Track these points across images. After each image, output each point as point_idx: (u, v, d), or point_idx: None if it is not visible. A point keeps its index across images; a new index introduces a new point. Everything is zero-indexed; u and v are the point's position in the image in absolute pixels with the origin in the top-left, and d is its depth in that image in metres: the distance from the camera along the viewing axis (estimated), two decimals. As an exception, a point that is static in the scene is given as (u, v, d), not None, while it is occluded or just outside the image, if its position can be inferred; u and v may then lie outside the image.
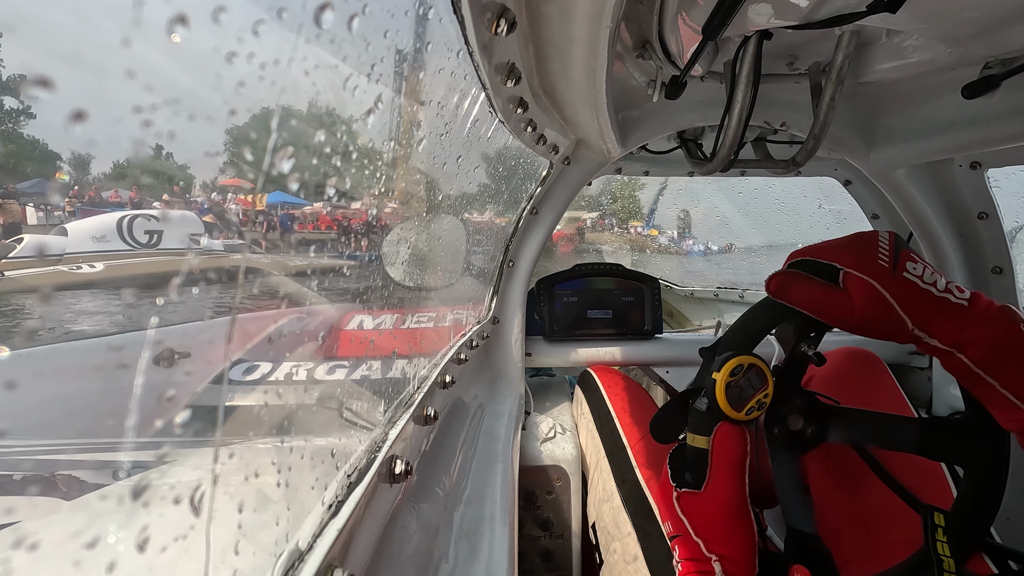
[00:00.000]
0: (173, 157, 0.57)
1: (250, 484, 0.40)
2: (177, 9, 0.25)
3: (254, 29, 0.32)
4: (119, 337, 1.48)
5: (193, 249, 0.32)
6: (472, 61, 0.55)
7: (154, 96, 0.24)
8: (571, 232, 13.16)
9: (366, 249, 0.67)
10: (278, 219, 0.93)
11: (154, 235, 4.83)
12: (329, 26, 0.37)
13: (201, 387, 1.04)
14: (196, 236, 0.63)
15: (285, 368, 1.16)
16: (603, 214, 15.67)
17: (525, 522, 1.11)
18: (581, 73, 0.63)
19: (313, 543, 0.41)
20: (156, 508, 0.31)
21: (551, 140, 0.96)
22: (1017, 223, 1.24)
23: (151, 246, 4.80)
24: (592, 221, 15.16)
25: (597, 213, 15.27)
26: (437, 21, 0.52)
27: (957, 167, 1.12)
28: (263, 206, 0.75)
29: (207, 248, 0.41)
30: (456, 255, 1.20)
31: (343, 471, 0.50)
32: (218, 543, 0.35)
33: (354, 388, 0.66)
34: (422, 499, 0.65)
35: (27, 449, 1.04)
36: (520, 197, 1.29)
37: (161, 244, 4.64)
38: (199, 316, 0.50)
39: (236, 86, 0.33)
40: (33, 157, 4.85)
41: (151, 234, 4.87)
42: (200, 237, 0.59)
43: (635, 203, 16.29)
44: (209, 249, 0.40)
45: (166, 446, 0.33)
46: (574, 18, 0.51)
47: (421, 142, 0.76)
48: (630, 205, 16.40)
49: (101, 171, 4.75)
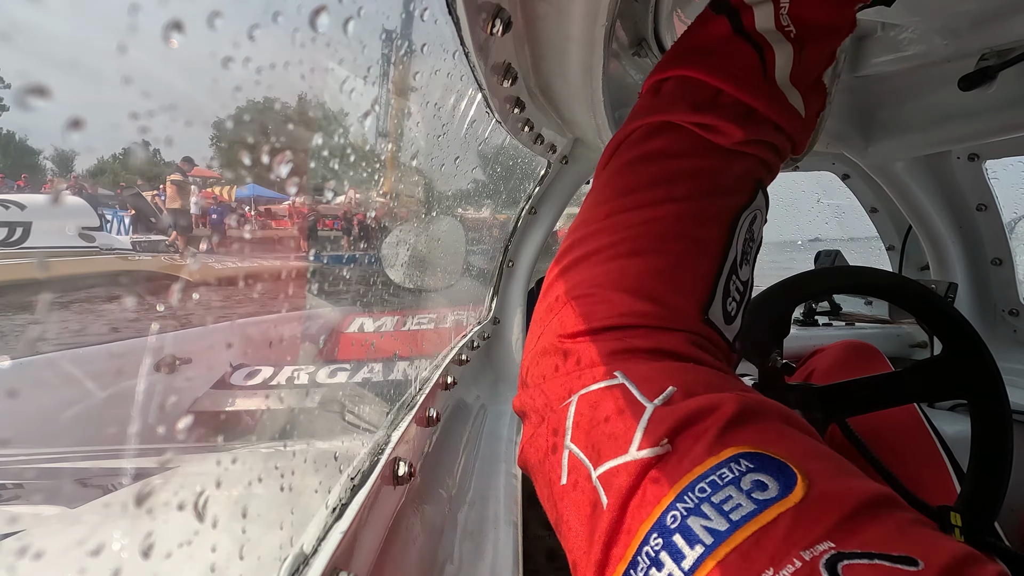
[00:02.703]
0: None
1: (253, 488, 0.40)
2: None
3: (249, 34, 0.32)
4: (120, 344, 1.48)
5: (83, 248, 0.29)
6: (468, 62, 0.55)
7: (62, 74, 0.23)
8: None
9: (360, 249, 0.67)
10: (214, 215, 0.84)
11: (15, 229, 3.32)
12: (325, 29, 0.37)
13: (204, 392, 1.04)
14: (89, 230, 0.57)
15: (287, 372, 1.17)
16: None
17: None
18: (577, 72, 0.63)
19: (317, 546, 0.41)
20: (160, 514, 0.31)
21: (549, 139, 0.96)
22: (1016, 214, 1.24)
23: (9, 244, 3.26)
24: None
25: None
26: (432, 22, 0.52)
27: (955, 159, 1.12)
28: (230, 199, 0.72)
29: (108, 246, 0.37)
30: (455, 256, 1.21)
31: (346, 474, 0.50)
32: (223, 548, 0.35)
33: (356, 391, 0.66)
34: (426, 500, 0.65)
35: (30, 457, 1.04)
36: (519, 197, 1.29)
37: (27, 241, 3.27)
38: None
39: (219, 86, 0.33)
40: None
41: (9, 227, 3.34)
42: (95, 232, 0.53)
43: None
44: (112, 248, 0.36)
45: (169, 452, 0.33)
46: (570, 17, 0.51)
47: (418, 144, 0.76)
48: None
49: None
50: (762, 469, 0.24)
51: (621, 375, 0.32)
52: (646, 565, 0.24)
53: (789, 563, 0.20)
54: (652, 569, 0.23)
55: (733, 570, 0.21)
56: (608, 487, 0.27)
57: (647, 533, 0.24)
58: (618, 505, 0.26)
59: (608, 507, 0.26)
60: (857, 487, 0.23)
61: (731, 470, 0.24)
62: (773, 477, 0.23)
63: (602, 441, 0.29)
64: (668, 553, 0.23)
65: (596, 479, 0.28)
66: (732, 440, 0.26)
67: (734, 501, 0.23)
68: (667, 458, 0.26)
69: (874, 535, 0.21)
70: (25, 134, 1.48)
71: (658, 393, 0.29)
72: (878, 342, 1.19)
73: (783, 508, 0.22)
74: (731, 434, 0.26)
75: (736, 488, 0.23)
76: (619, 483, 0.26)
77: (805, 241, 3.20)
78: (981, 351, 0.69)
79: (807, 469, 0.24)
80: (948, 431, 1.00)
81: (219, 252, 0.36)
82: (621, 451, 0.28)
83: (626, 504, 0.26)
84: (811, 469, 0.24)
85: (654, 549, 0.24)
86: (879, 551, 0.19)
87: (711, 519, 0.23)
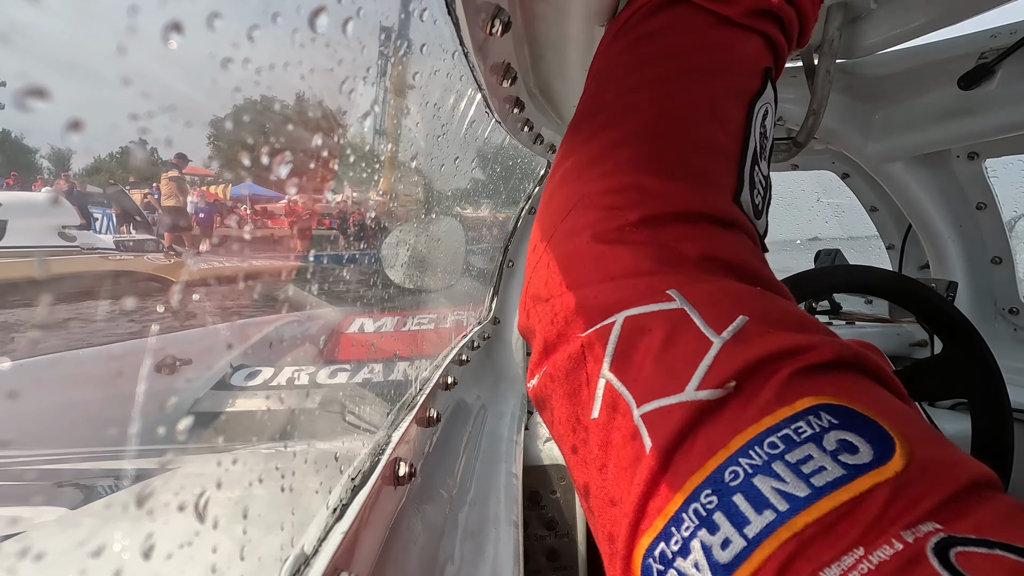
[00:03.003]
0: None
1: (254, 489, 0.40)
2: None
3: (249, 34, 0.32)
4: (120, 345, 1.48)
5: (62, 248, 0.27)
6: (467, 62, 0.55)
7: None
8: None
9: (358, 249, 0.67)
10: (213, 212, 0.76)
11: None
12: (324, 30, 0.37)
13: (204, 393, 1.03)
14: (70, 229, 0.54)
15: (287, 373, 1.17)
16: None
17: (530, 522, 1.11)
18: (577, 72, 0.63)
19: (318, 547, 0.41)
20: (161, 515, 0.31)
21: (548, 139, 0.96)
22: (1015, 212, 1.24)
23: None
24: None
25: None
26: (432, 23, 0.52)
27: (955, 158, 1.12)
28: (225, 197, 0.70)
29: (90, 246, 0.35)
30: (455, 256, 1.21)
31: (347, 474, 0.50)
32: (223, 549, 0.35)
33: (356, 391, 0.66)
34: (427, 501, 0.65)
35: (31, 458, 1.04)
36: (518, 197, 1.29)
37: (2, 240, 2.91)
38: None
39: (221, 88, 0.33)
40: None
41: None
42: (76, 231, 0.51)
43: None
44: (94, 247, 0.33)
45: (169, 453, 0.33)
46: (568, 17, 0.51)
47: (417, 144, 0.76)
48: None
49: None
50: (849, 427, 0.20)
51: (679, 297, 0.26)
52: (693, 524, 0.20)
53: (886, 543, 0.17)
54: (702, 531, 0.20)
55: (814, 546, 0.17)
56: (653, 429, 0.23)
57: (696, 487, 0.21)
58: (663, 451, 0.22)
59: (651, 451, 0.22)
60: (964, 460, 0.20)
61: (809, 424, 0.20)
62: (864, 438, 0.19)
63: (651, 375, 0.24)
64: (726, 515, 0.19)
65: (639, 418, 0.24)
66: (809, 388, 0.22)
67: (816, 463, 0.19)
68: (728, 402, 0.22)
69: (986, 519, 0.17)
70: (20, 133, 1.41)
71: (726, 323, 0.24)
72: (878, 341, 1.19)
73: (881, 478, 0.18)
74: (808, 381, 0.22)
75: (818, 447, 0.19)
76: (667, 425, 0.22)
77: (804, 240, 3.19)
78: (981, 350, 0.69)
79: (904, 433, 0.20)
80: (948, 430, 1.00)
81: (206, 252, 0.34)
82: (674, 389, 0.23)
83: (673, 451, 0.22)
84: (909, 433, 0.20)
85: (705, 507, 0.20)
86: (996, 539, 0.16)
87: (786, 481, 0.19)
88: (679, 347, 0.24)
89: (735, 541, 0.19)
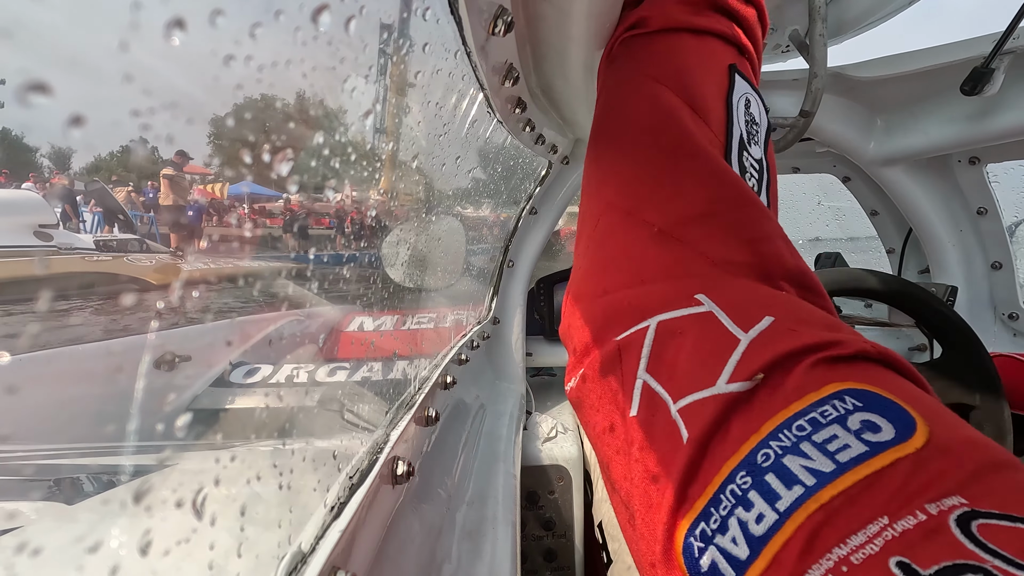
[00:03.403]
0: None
1: (252, 487, 0.40)
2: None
3: (251, 32, 0.32)
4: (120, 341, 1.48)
5: (37, 247, 0.24)
6: (470, 62, 0.54)
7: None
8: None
9: (355, 249, 0.66)
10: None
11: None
12: (326, 28, 0.37)
13: (202, 390, 1.03)
14: (46, 228, 0.50)
15: (286, 370, 1.17)
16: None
17: (528, 522, 1.10)
18: (579, 72, 0.63)
19: (316, 545, 0.41)
20: (158, 512, 0.31)
21: (550, 140, 0.96)
22: (1016, 218, 1.24)
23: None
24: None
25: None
26: (435, 22, 0.52)
27: (956, 162, 1.12)
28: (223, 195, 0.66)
29: (68, 246, 0.31)
30: (455, 256, 1.20)
31: (345, 473, 0.50)
32: (221, 546, 0.35)
33: (355, 390, 0.66)
34: (424, 500, 0.65)
35: (29, 453, 1.04)
36: (519, 197, 1.29)
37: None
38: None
39: (227, 85, 0.33)
40: None
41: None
42: (52, 230, 0.47)
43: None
44: (73, 248, 0.29)
45: (168, 449, 0.33)
46: (571, 17, 0.51)
47: (419, 143, 0.76)
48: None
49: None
50: (872, 409, 0.21)
51: (708, 301, 0.28)
52: (730, 504, 0.21)
53: (910, 514, 0.17)
54: (739, 508, 0.21)
55: (840, 516, 0.18)
56: (690, 421, 0.24)
57: (732, 471, 0.22)
58: (700, 441, 0.23)
59: (688, 441, 0.24)
60: (984, 442, 0.20)
61: (835, 408, 0.21)
62: (887, 419, 0.20)
63: (685, 373, 0.26)
64: (759, 493, 0.20)
65: (676, 413, 0.25)
66: (834, 376, 0.23)
67: (841, 441, 0.20)
68: (757, 392, 0.23)
69: (1010, 496, 0.17)
70: (18, 130, 1.38)
71: (752, 323, 0.26)
72: (881, 342, 1.19)
73: (902, 453, 0.19)
74: (833, 369, 0.23)
75: (842, 427, 0.20)
76: (702, 418, 0.24)
77: (805, 241, 3.20)
78: (981, 355, 0.69)
79: (926, 415, 0.20)
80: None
81: (193, 252, 0.34)
82: (707, 384, 0.24)
83: (708, 440, 0.23)
84: (930, 415, 0.20)
85: (741, 488, 0.21)
86: (1019, 514, 0.17)
87: (813, 459, 0.20)
88: (709, 346, 0.26)
89: (768, 515, 0.20)
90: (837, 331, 0.25)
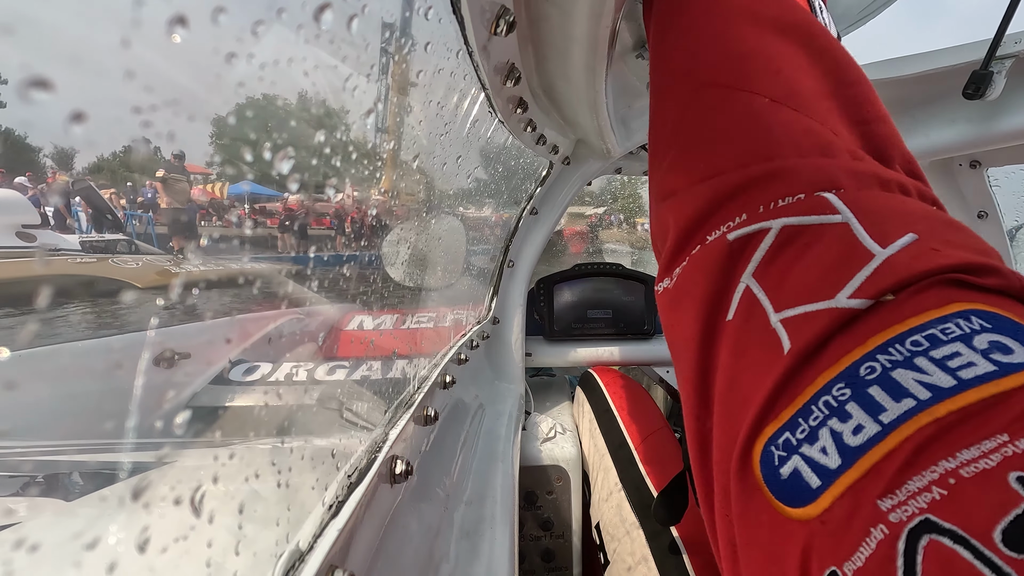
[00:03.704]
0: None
1: (250, 485, 0.40)
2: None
3: (253, 30, 0.32)
4: (120, 338, 1.48)
5: (17, 248, 0.22)
6: (472, 61, 0.54)
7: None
8: (584, 229, 12.36)
9: (353, 249, 0.66)
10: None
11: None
12: (328, 26, 0.37)
13: (201, 387, 1.03)
14: (29, 228, 0.46)
15: (285, 368, 1.17)
16: (609, 210, 15.57)
17: (526, 522, 1.10)
18: (581, 73, 0.63)
19: (313, 543, 0.41)
20: (156, 509, 0.31)
21: (551, 140, 0.96)
22: (1017, 222, 1.24)
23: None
24: (599, 217, 14.97)
25: (604, 209, 15.16)
26: (437, 21, 0.52)
27: (957, 166, 1.12)
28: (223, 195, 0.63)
29: (52, 246, 0.29)
30: (455, 255, 1.20)
31: (343, 471, 0.50)
32: (219, 544, 0.35)
33: (354, 388, 0.66)
34: (423, 499, 0.65)
35: (27, 450, 1.04)
36: (520, 197, 1.29)
37: None
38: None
39: (229, 83, 0.33)
40: None
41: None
42: (37, 230, 0.43)
43: (636, 201, 16.26)
44: (59, 249, 0.27)
45: (166, 446, 0.33)
46: (573, 18, 0.51)
47: (420, 143, 0.76)
48: (631, 204, 16.38)
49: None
50: (1003, 331, 0.19)
51: (844, 209, 0.24)
52: (823, 415, 0.19)
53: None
54: (832, 419, 0.19)
55: (954, 431, 0.17)
56: (794, 332, 0.22)
57: (829, 382, 0.20)
58: (801, 353, 0.21)
59: (789, 353, 0.22)
60: None
61: (959, 326, 0.19)
62: (1020, 342, 0.18)
63: (799, 282, 0.23)
64: (859, 404, 0.19)
65: (778, 322, 0.23)
66: (965, 296, 0.20)
67: (964, 359, 0.18)
68: (879, 310, 0.21)
69: None
70: (18, 128, 1.35)
71: (891, 239, 0.23)
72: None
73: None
74: (966, 290, 0.21)
75: (967, 346, 0.18)
76: (810, 330, 0.22)
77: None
78: None
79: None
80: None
81: (186, 254, 0.32)
82: (824, 296, 0.22)
83: (812, 354, 0.21)
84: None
85: (837, 399, 0.19)
86: None
87: (929, 374, 0.18)
88: (836, 257, 0.23)
89: (868, 427, 0.18)
90: (985, 255, 0.23)
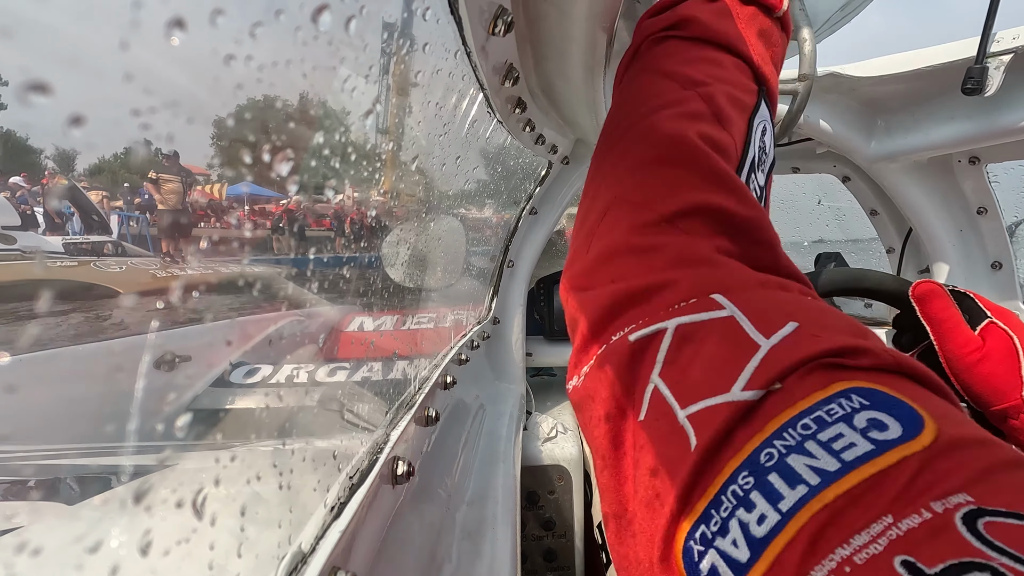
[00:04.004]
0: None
1: (252, 487, 0.40)
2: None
3: (251, 32, 0.32)
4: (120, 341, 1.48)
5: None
6: (470, 62, 0.54)
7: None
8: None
9: (351, 251, 0.66)
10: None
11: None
12: (327, 28, 0.37)
13: (202, 390, 1.03)
14: (9, 229, 0.44)
15: (286, 370, 1.17)
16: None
17: (528, 522, 1.10)
18: (579, 73, 0.63)
19: (316, 545, 0.41)
20: (159, 512, 0.31)
21: (550, 140, 0.96)
22: (1016, 217, 1.24)
23: None
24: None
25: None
26: (435, 22, 0.52)
27: (956, 162, 1.12)
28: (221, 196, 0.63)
29: (33, 248, 0.28)
30: (455, 256, 1.20)
31: (345, 473, 0.50)
32: (221, 546, 0.35)
33: (355, 390, 0.66)
34: (424, 500, 0.65)
35: (29, 454, 1.04)
36: (519, 197, 1.29)
37: None
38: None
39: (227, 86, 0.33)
40: None
41: None
42: (15, 232, 0.41)
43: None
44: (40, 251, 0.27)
45: (168, 449, 0.33)
46: (572, 18, 0.51)
47: (419, 143, 0.76)
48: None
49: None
50: (879, 407, 0.20)
51: (729, 305, 0.27)
52: (731, 505, 0.21)
53: (915, 512, 0.17)
54: (740, 510, 0.20)
55: (844, 516, 0.18)
56: (699, 427, 0.23)
57: (734, 471, 0.21)
58: (708, 447, 0.22)
59: (696, 448, 0.23)
60: (993, 441, 0.20)
61: (841, 406, 0.21)
62: (894, 417, 0.20)
63: (698, 379, 0.25)
64: (761, 493, 0.20)
65: (684, 419, 0.24)
66: (844, 376, 0.22)
67: (846, 440, 0.19)
68: (771, 398, 0.23)
69: (1018, 495, 0.17)
70: (19, 130, 1.33)
71: (774, 329, 0.25)
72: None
73: (908, 452, 0.18)
74: (845, 371, 0.22)
75: (848, 426, 0.20)
76: (713, 424, 0.23)
77: (810, 243, 3.20)
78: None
79: (935, 414, 0.20)
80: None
81: (176, 257, 0.32)
82: (721, 390, 0.24)
83: (718, 447, 0.22)
84: (939, 415, 0.20)
85: (743, 488, 0.21)
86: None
87: (817, 458, 0.19)
88: (727, 352, 0.25)
89: (770, 516, 0.19)
90: (862, 337, 0.25)
